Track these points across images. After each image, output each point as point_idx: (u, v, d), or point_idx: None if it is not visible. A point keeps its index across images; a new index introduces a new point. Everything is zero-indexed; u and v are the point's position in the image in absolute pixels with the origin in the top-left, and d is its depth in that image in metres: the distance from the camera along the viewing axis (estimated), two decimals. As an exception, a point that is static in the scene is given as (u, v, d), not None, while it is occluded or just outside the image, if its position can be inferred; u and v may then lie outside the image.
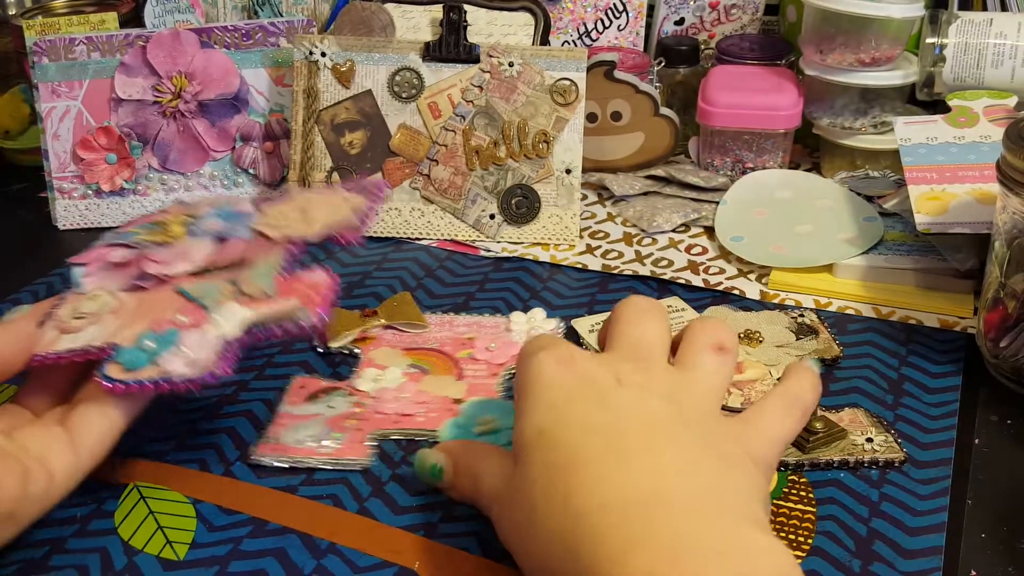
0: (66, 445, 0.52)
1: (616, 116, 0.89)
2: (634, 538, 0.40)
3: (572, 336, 0.70)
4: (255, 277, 0.58)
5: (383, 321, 0.70)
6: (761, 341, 0.67)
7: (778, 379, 0.62)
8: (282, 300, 0.57)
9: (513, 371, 0.64)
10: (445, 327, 0.70)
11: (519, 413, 0.49)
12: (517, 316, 0.71)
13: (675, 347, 0.53)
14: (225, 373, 0.53)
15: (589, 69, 0.84)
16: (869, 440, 0.58)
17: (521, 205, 0.83)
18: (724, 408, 0.61)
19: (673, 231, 0.84)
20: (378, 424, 0.61)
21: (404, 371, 0.65)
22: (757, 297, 0.74)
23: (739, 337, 0.67)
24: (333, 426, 0.60)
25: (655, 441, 0.45)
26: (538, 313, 0.71)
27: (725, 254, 0.80)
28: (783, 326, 0.69)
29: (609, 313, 0.55)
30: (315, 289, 0.58)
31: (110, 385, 0.53)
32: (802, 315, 0.71)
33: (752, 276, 0.77)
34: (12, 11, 1.00)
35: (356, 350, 0.68)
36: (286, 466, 0.58)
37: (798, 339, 0.68)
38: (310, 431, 0.60)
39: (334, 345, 0.68)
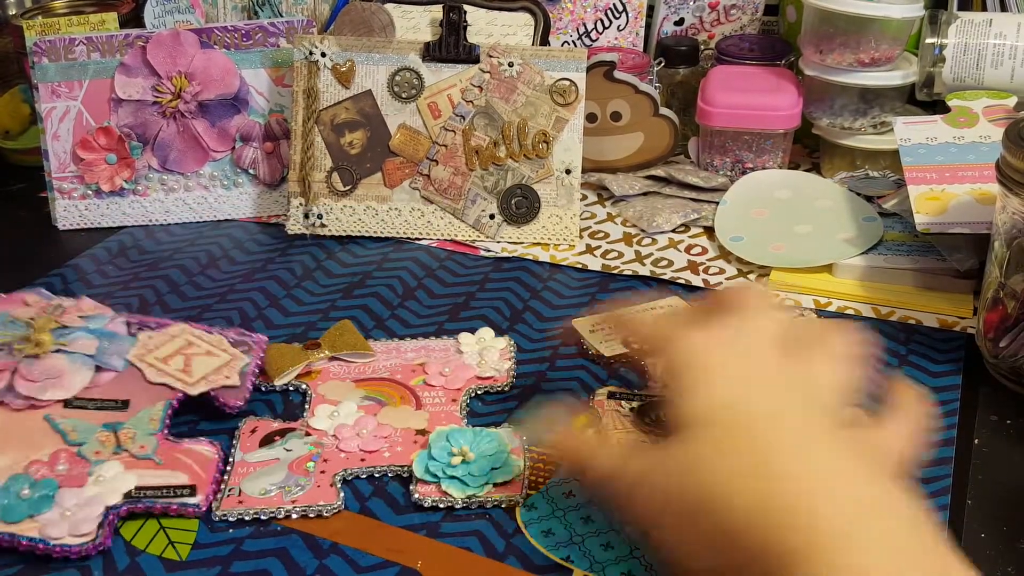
0: None
1: (616, 116, 0.89)
2: (846, 535, 0.40)
3: (572, 336, 0.69)
4: (138, 431, 0.57)
5: (327, 353, 0.66)
6: None
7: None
8: (168, 472, 0.55)
9: (473, 393, 0.64)
10: (392, 354, 0.67)
11: (680, 390, 0.47)
12: (465, 337, 0.69)
13: None
14: (106, 545, 0.52)
15: (589, 69, 0.84)
16: None
17: (521, 205, 0.83)
18: None
19: (673, 231, 0.84)
20: (342, 464, 0.58)
21: (359, 404, 0.62)
22: (757, 297, 0.75)
23: None
24: (295, 471, 0.57)
25: (836, 442, 0.44)
26: (486, 332, 0.69)
27: (725, 254, 0.80)
28: None
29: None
30: (203, 466, 0.56)
31: None
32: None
33: (752, 276, 0.77)
34: (12, 11, 1.00)
35: (303, 386, 0.65)
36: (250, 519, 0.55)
37: None
38: (272, 479, 0.57)
39: (279, 382, 0.64)
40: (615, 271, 0.79)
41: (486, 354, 0.67)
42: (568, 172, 0.83)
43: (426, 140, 0.83)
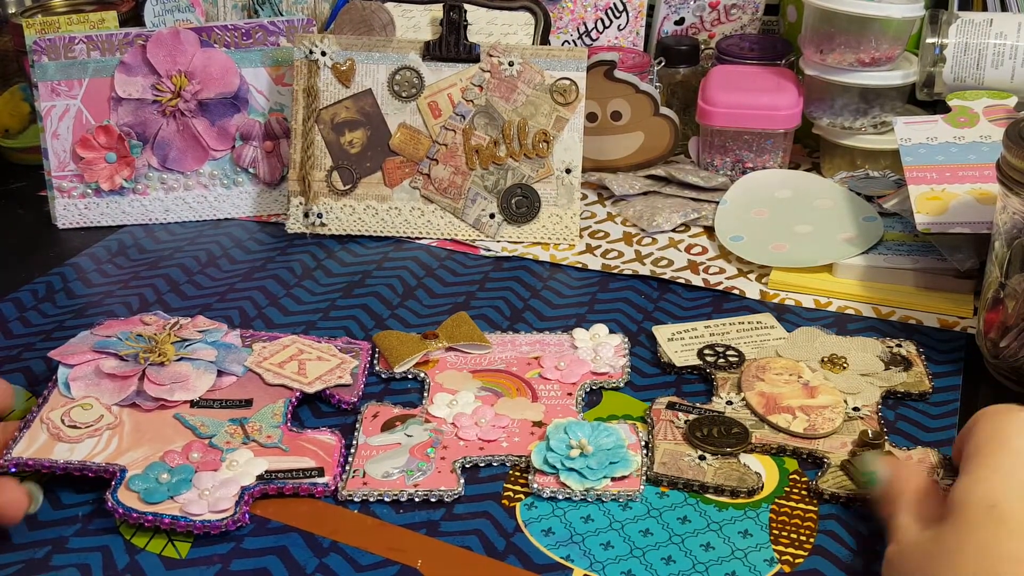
0: None
1: (616, 116, 0.89)
2: None
3: (650, 342, 0.69)
4: (263, 424, 0.60)
5: (444, 343, 0.68)
6: (845, 367, 0.64)
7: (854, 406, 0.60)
8: (295, 458, 0.58)
9: (589, 388, 0.65)
10: (507, 346, 0.69)
11: (970, 469, 0.47)
12: (579, 332, 0.69)
13: None
14: (244, 522, 0.54)
15: (589, 69, 0.84)
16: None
17: (521, 204, 0.83)
18: (784, 431, 0.59)
19: (673, 231, 0.84)
20: (462, 452, 0.59)
21: (476, 395, 0.64)
22: (757, 297, 0.75)
23: (822, 361, 0.65)
24: (416, 455, 0.59)
25: None
26: (600, 329, 0.70)
27: (725, 254, 0.80)
28: (874, 354, 0.66)
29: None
30: (326, 451, 0.58)
31: (122, 511, 0.54)
32: (900, 345, 0.68)
33: (752, 276, 0.77)
34: (12, 10, 1.00)
35: (421, 374, 0.66)
36: (374, 500, 0.56)
37: (886, 369, 0.65)
38: (395, 462, 0.58)
39: (399, 370, 0.66)
40: (615, 271, 0.79)
41: (601, 350, 0.68)
42: (568, 171, 0.83)
43: (426, 139, 0.83)
